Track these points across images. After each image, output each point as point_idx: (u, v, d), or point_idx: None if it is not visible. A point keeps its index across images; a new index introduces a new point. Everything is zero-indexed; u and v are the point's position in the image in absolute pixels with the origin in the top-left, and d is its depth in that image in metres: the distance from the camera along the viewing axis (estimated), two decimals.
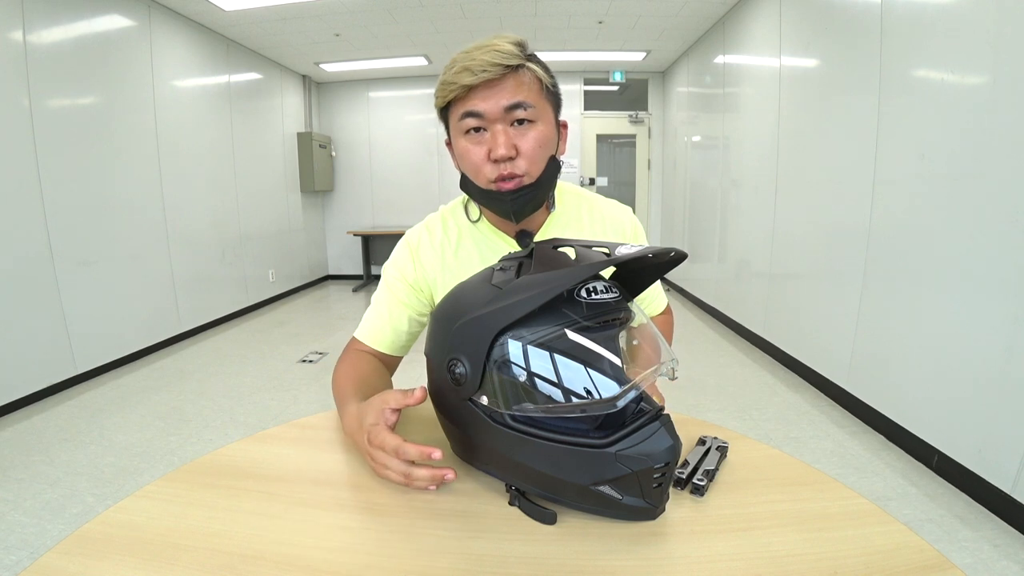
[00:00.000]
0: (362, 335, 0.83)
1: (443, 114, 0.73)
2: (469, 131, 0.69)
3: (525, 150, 0.68)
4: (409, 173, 5.78)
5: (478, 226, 0.82)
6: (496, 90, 0.66)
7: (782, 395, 2.57)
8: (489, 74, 0.65)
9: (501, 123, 0.67)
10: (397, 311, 0.82)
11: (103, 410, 2.44)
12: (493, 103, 0.66)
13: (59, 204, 2.62)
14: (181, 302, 3.59)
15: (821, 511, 0.53)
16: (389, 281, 0.83)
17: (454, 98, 0.68)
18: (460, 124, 0.69)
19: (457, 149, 0.72)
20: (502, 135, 0.67)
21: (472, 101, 0.67)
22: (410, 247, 0.83)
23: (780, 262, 3.02)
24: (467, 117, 0.68)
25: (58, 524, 1.58)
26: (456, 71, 0.66)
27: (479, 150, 0.69)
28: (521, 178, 0.69)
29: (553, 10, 3.77)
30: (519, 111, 0.67)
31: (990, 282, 1.59)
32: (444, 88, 0.68)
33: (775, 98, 2.99)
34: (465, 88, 0.66)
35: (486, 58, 0.65)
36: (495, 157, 0.67)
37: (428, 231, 0.84)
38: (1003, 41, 1.53)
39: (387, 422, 0.54)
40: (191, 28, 3.71)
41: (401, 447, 0.52)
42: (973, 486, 1.65)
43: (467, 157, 0.70)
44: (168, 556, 0.47)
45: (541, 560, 0.46)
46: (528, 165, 0.69)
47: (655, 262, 0.58)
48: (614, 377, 0.50)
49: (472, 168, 0.71)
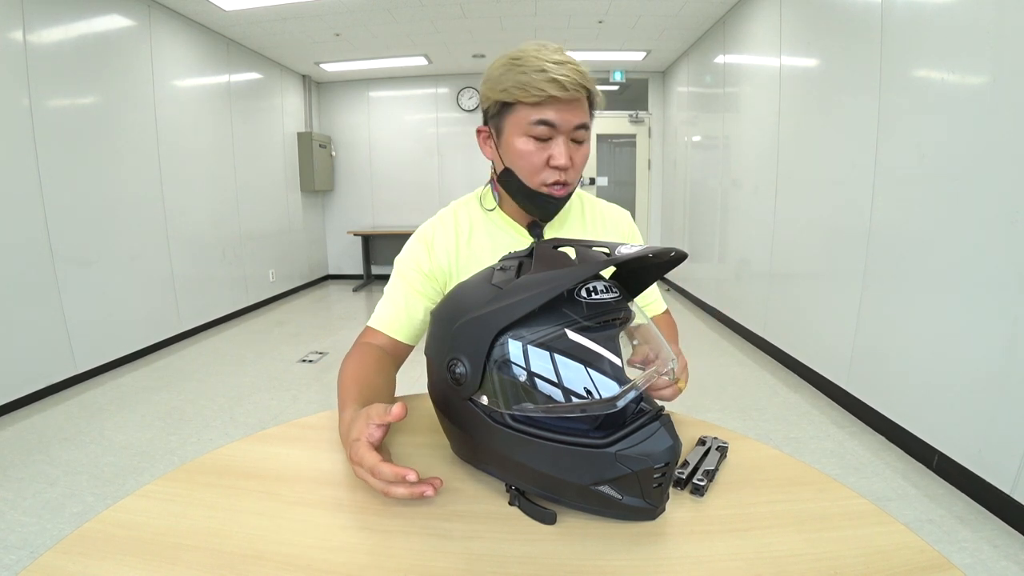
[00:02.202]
0: (377, 323, 0.84)
1: (502, 107, 0.75)
2: (535, 136, 0.74)
3: (577, 164, 0.76)
4: (409, 173, 5.77)
5: (492, 215, 0.86)
6: (573, 107, 0.73)
7: (782, 395, 2.57)
8: (578, 93, 0.71)
9: (566, 136, 0.74)
10: (413, 300, 0.83)
11: (103, 410, 2.44)
12: (568, 119, 0.72)
13: (59, 204, 2.62)
14: (181, 302, 3.59)
15: (821, 511, 0.53)
16: (403, 272, 0.85)
17: (531, 102, 0.71)
18: (528, 127, 0.73)
19: (513, 146, 0.75)
20: (566, 147, 0.74)
21: (551, 112, 0.72)
22: (424, 239, 0.86)
23: (780, 262, 3.02)
24: (541, 125, 0.72)
25: (58, 523, 1.58)
26: (544, 79, 0.69)
27: (541, 155, 0.74)
28: (568, 187, 0.77)
29: (553, 10, 3.77)
30: (581, 131, 0.75)
31: (990, 282, 1.58)
32: (524, 89, 0.70)
33: (775, 98, 2.99)
34: (551, 98, 0.70)
35: (576, 78, 0.70)
36: (556, 165, 0.74)
37: (441, 223, 0.87)
38: (1003, 41, 1.53)
39: (370, 438, 0.54)
40: (191, 28, 3.70)
41: (376, 467, 0.51)
42: (973, 486, 1.65)
43: (527, 158, 0.75)
44: (168, 556, 0.47)
45: (541, 560, 0.46)
46: (575, 176, 0.77)
47: (655, 262, 0.58)
48: (614, 377, 0.50)
49: (528, 168, 0.75)
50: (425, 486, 0.51)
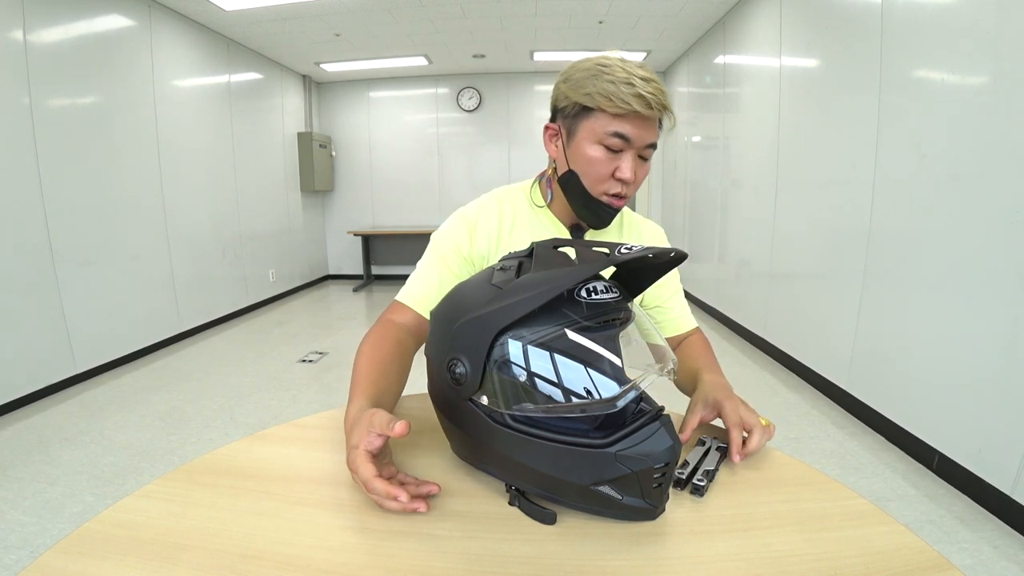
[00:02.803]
0: (407, 299, 0.82)
1: (580, 110, 0.75)
2: (608, 146, 0.74)
3: (638, 180, 0.77)
4: (409, 173, 5.77)
5: (539, 211, 0.86)
6: (650, 126, 0.73)
7: (782, 395, 2.57)
8: (658, 114, 0.72)
9: (635, 151, 0.75)
10: (447, 280, 0.81)
11: (103, 410, 2.44)
12: (643, 136, 0.73)
13: (59, 204, 2.62)
14: (181, 302, 3.59)
15: (821, 511, 0.53)
16: (441, 251, 0.84)
17: (613, 112, 0.71)
18: (604, 136, 0.73)
19: (583, 152, 0.76)
20: (634, 162, 0.75)
21: (629, 126, 0.72)
22: (468, 222, 0.85)
23: (780, 262, 3.02)
24: (617, 137, 0.73)
25: (58, 523, 1.58)
26: (631, 94, 0.69)
27: (609, 165, 0.75)
28: (625, 200, 0.79)
29: (553, 10, 3.77)
30: (650, 150, 0.76)
31: (990, 282, 1.58)
32: (609, 99, 0.70)
33: (775, 98, 2.99)
34: (634, 112, 0.70)
35: (660, 98, 0.70)
36: (621, 178, 0.75)
37: (486, 208, 0.87)
38: (1003, 41, 1.53)
39: (368, 446, 0.53)
40: (191, 28, 3.71)
41: (369, 482, 0.51)
42: (973, 487, 1.65)
43: (596, 165, 0.75)
44: (168, 556, 0.47)
45: (541, 560, 0.46)
46: (633, 191, 0.78)
47: (655, 262, 0.58)
48: (614, 377, 0.50)
49: (595, 175, 0.76)
50: (419, 503, 0.51)
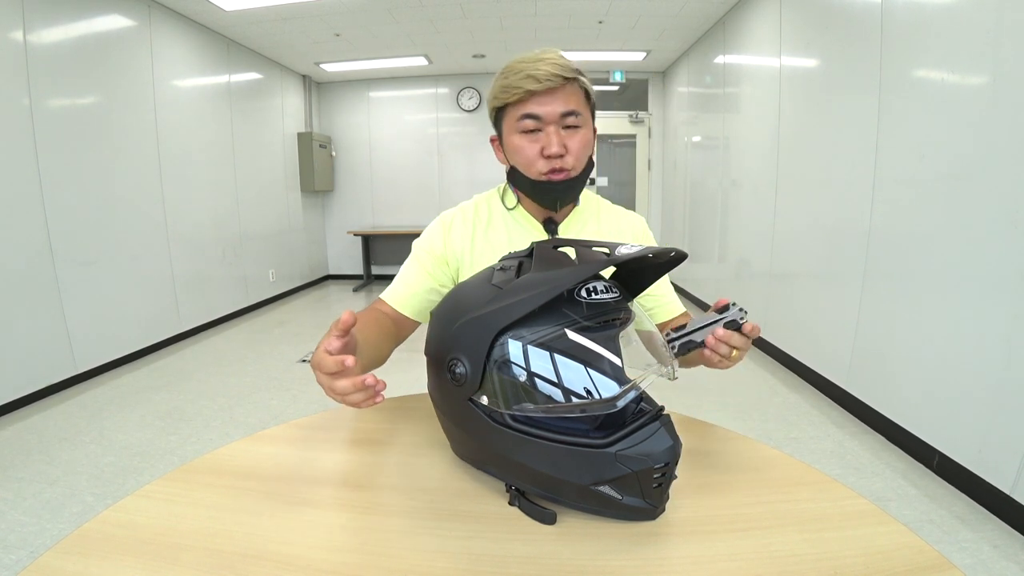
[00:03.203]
0: (388, 297, 0.89)
1: (497, 113, 0.83)
2: (525, 131, 0.79)
3: (573, 149, 0.79)
4: (409, 173, 5.77)
5: (512, 213, 0.90)
6: (554, 97, 0.76)
7: (782, 395, 2.57)
8: (552, 83, 0.75)
9: (555, 125, 0.77)
10: (422, 279, 0.88)
11: (103, 410, 2.44)
12: (551, 108, 0.77)
13: (59, 204, 2.62)
14: (181, 302, 3.59)
15: (821, 511, 0.53)
16: (418, 253, 0.90)
17: (514, 101, 0.77)
18: (518, 124, 0.79)
19: (511, 145, 0.81)
20: (556, 135, 0.77)
21: (532, 105, 0.77)
22: (443, 224, 0.91)
23: (780, 262, 3.02)
24: (526, 119, 0.77)
25: (58, 523, 1.58)
26: (520, 77, 0.75)
27: (534, 147, 0.79)
28: (569, 172, 0.80)
29: (553, 10, 3.77)
30: (571, 117, 0.78)
31: (990, 282, 1.58)
32: (506, 91, 0.77)
33: (775, 98, 2.99)
34: (528, 93, 0.76)
35: (550, 69, 0.75)
36: (549, 154, 0.78)
37: (461, 212, 0.92)
38: (1003, 41, 1.53)
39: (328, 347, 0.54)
40: (191, 28, 3.70)
41: (322, 360, 0.53)
42: (973, 487, 1.65)
43: (521, 152, 0.80)
44: (168, 556, 0.47)
45: (541, 560, 0.46)
46: (574, 161, 0.80)
47: (655, 262, 0.58)
48: (614, 377, 0.50)
49: (525, 162, 0.80)
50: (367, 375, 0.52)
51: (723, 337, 0.58)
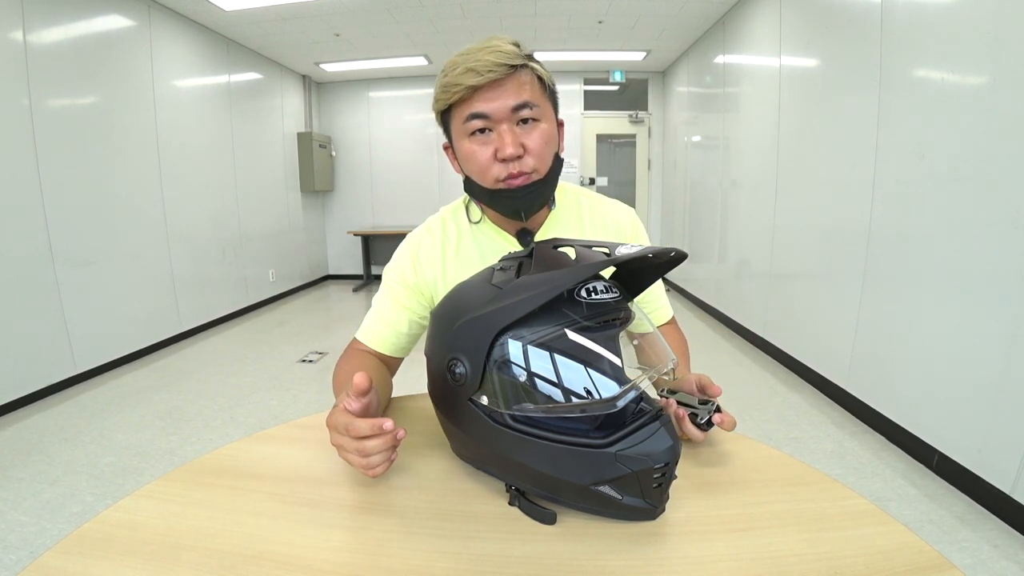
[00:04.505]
0: (363, 336, 0.84)
1: (443, 117, 0.72)
2: (474, 133, 0.68)
3: (533, 148, 0.68)
4: (409, 173, 5.77)
5: (479, 227, 0.82)
6: (501, 90, 0.66)
7: (782, 395, 2.57)
8: (495, 74, 0.64)
9: (507, 123, 0.67)
10: (397, 314, 0.82)
11: (103, 410, 2.44)
12: (499, 104, 0.66)
13: (59, 204, 2.62)
14: (181, 302, 3.59)
15: (821, 511, 0.53)
16: (389, 284, 0.83)
17: (457, 100, 0.67)
18: (465, 126, 0.68)
19: (461, 151, 0.71)
20: (509, 134, 0.67)
21: (477, 103, 0.66)
22: (410, 250, 0.83)
23: (780, 262, 3.02)
24: (473, 119, 0.67)
25: (58, 523, 1.58)
26: (459, 72, 0.65)
27: (485, 151, 0.68)
28: (530, 175, 0.69)
29: (553, 10, 3.77)
30: (525, 110, 0.67)
31: (990, 282, 1.58)
32: (446, 90, 0.67)
33: (775, 98, 2.99)
34: (470, 89, 0.65)
35: (490, 58, 0.64)
36: (503, 156, 0.67)
37: (428, 233, 0.84)
38: (1003, 41, 1.53)
39: (348, 407, 0.54)
40: (191, 28, 3.70)
41: (351, 424, 0.52)
42: (973, 486, 1.65)
43: (473, 159, 0.70)
44: (168, 556, 0.47)
45: (541, 560, 0.46)
46: (536, 162, 0.69)
47: (655, 262, 0.58)
48: (614, 377, 0.50)
49: (478, 169, 0.70)
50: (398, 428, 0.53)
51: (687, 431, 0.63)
